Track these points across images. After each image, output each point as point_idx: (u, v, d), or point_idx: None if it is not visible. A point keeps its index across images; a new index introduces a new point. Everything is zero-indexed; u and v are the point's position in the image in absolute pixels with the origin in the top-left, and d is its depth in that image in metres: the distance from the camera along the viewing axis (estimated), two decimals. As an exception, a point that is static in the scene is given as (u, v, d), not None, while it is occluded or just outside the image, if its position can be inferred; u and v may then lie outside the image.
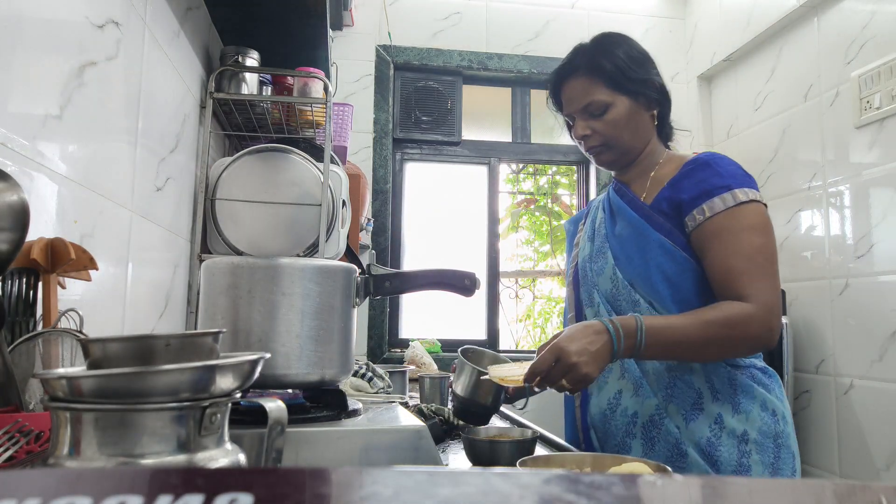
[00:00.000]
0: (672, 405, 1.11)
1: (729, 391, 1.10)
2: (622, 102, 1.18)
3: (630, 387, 1.14)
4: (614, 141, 1.21)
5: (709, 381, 1.10)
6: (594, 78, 1.19)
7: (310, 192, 1.81)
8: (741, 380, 1.11)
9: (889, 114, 2.16)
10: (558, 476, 0.23)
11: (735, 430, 1.08)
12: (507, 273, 3.43)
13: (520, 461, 0.76)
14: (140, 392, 0.39)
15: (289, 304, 0.79)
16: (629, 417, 1.13)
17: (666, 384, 1.12)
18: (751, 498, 0.23)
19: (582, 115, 1.22)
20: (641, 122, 1.21)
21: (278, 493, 0.21)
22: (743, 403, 1.09)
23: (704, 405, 1.09)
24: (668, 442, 1.09)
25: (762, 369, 1.15)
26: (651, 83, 1.20)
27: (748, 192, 1.10)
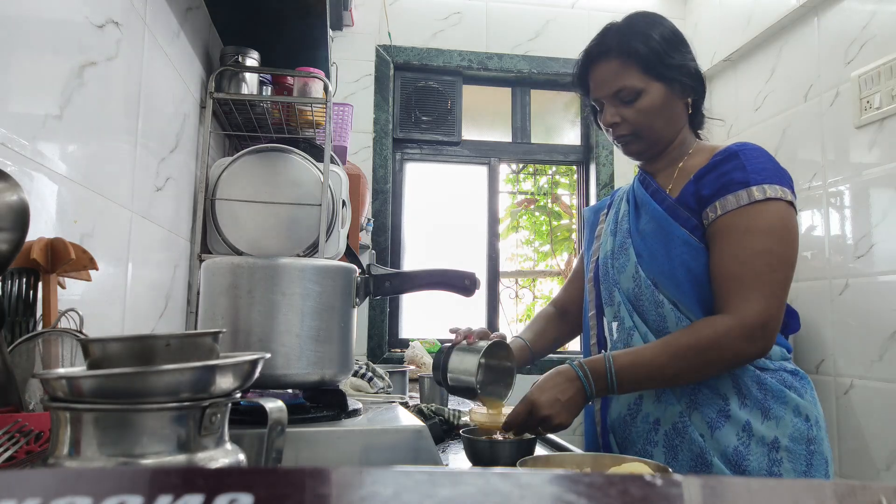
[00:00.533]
0: (696, 413, 1.05)
1: (758, 396, 1.04)
2: (656, 89, 1.11)
3: (652, 392, 1.09)
4: (646, 131, 1.13)
5: (736, 386, 1.05)
6: (627, 61, 1.11)
7: (310, 192, 1.81)
8: (771, 383, 1.05)
9: (889, 114, 2.16)
10: (558, 476, 0.23)
11: (765, 438, 1.02)
12: (507, 273, 3.43)
13: (520, 461, 0.76)
14: (140, 392, 0.39)
15: (289, 304, 0.79)
16: (650, 424, 1.09)
17: (690, 389, 1.06)
18: (751, 498, 0.23)
19: (612, 100, 1.14)
20: (675, 110, 1.14)
21: (278, 493, 0.21)
22: (774, 409, 1.03)
23: (731, 412, 1.03)
24: (691, 451, 1.04)
25: (793, 372, 1.09)
26: (687, 68, 1.13)
27: (769, 188, 1.02)
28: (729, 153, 1.08)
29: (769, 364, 1.07)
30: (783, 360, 1.09)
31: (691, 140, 1.19)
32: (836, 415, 2.41)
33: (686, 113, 1.17)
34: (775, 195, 1.02)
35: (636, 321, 1.12)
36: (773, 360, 1.08)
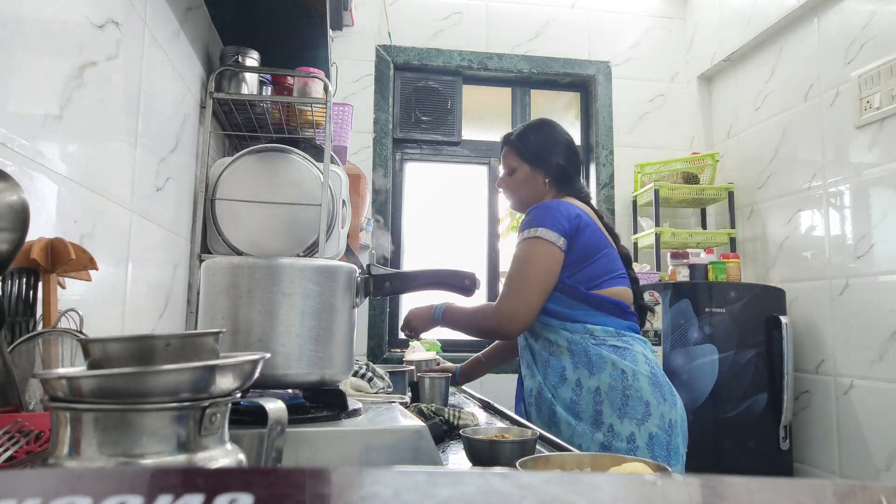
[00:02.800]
0: (547, 380, 1.54)
1: (584, 360, 1.49)
2: (523, 169, 1.69)
3: (528, 372, 1.60)
4: (514, 194, 1.73)
5: (571, 358, 1.51)
6: (513, 149, 1.71)
7: (310, 192, 1.81)
8: (594, 351, 1.49)
9: (889, 114, 2.16)
10: (558, 476, 0.23)
11: (590, 388, 1.47)
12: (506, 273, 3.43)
13: (520, 461, 0.76)
14: (140, 392, 0.39)
15: (289, 304, 0.79)
16: (528, 392, 1.59)
17: (544, 365, 1.56)
18: (750, 498, 0.23)
19: (504, 170, 1.75)
20: (536, 183, 1.68)
21: (278, 493, 0.21)
22: (595, 365, 1.48)
23: (567, 374, 1.51)
24: (546, 405, 1.51)
25: (614, 346, 1.50)
26: (549, 159, 1.67)
27: (528, 231, 1.54)
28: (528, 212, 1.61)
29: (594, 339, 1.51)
30: (607, 336, 1.51)
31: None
32: (836, 415, 2.41)
33: (546, 187, 1.68)
34: (527, 235, 1.54)
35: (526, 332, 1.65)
36: (597, 336, 1.51)
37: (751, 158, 2.95)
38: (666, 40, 3.38)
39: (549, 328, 1.57)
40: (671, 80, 3.37)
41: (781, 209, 2.74)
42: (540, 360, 1.57)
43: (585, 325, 1.53)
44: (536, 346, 1.60)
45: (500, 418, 1.43)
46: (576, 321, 1.54)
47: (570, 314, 1.55)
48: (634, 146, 3.29)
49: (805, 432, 2.58)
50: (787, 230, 2.71)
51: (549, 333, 1.57)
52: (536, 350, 1.60)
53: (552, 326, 1.56)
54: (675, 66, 3.37)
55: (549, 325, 1.57)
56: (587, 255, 1.56)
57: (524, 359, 1.66)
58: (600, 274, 1.57)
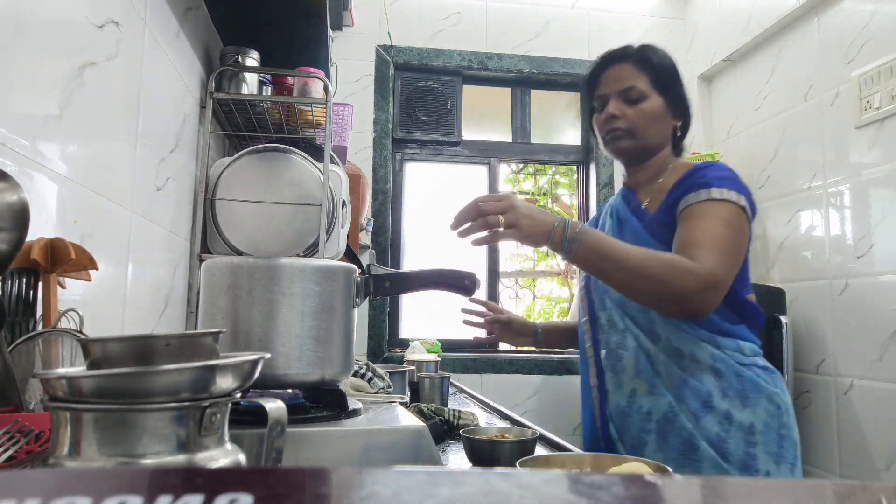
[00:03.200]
0: (683, 405, 1.18)
1: (737, 388, 1.17)
2: (658, 99, 1.28)
3: (644, 386, 1.22)
4: (639, 131, 1.27)
5: (717, 381, 1.18)
6: (642, 69, 1.28)
7: (310, 192, 1.81)
8: (748, 375, 1.18)
9: (889, 114, 2.16)
10: (558, 476, 0.23)
11: (742, 424, 1.15)
12: (507, 273, 3.43)
13: (520, 461, 0.76)
14: (140, 392, 0.39)
15: (288, 304, 0.79)
16: (644, 415, 1.21)
17: (678, 384, 1.19)
18: (751, 498, 0.23)
19: (618, 97, 1.28)
20: (665, 125, 1.30)
21: (278, 493, 0.21)
22: (751, 398, 1.17)
23: (714, 402, 1.17)
24: (681, 437, 1.17)
25: (764, 367, 1.22)
26: (683, 97, 1.32)
27: (725, 191, 1.17)
28: (697, 168, 1.23)
29: (744, 359, 1.20)
30: (755, 355, 1.23)
31: (671, 160, 1.33)
32: (836, 415, 2.41)
33: (672, 134, 1.32)
34: (729, 198, 1.17)
35: (628, 323, 1.26)
36: (746, 354, 1.21)
37: (751, 158, 2.95)
38: (666, 40, 3.37)
39: (686, 336, 1.20)
40: (671, 80, 3.36)
41: (781, 209, 2.74)
42: (668, 375, 1.20)
43: (737, 340, 1.21)
44: (660, 356, 1.21)
45: (499, 418, 1.43)
46: (726, 334, 1.20)
47: (719, 324, 1.20)
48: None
49: (805, 432, 2.58)
50: (786, 230, 2.71)
51: (684, 343, 1.20)
52: (659, 360, 1.22)
53: (691, 335, 1.20)
54: (675, 66, 3.37)
55: (688, 333, 1.20)
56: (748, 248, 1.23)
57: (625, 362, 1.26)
58: (746, 276, 1.26)
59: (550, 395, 2.95)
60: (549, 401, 2.94)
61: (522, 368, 2.97)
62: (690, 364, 1.19)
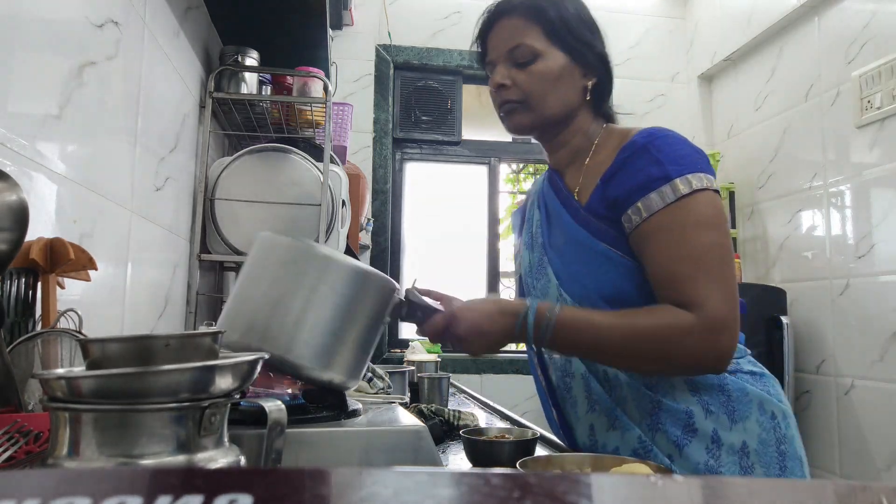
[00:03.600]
0: (660, 434, 0.94)
1: (721, 398, 0.94)
2: (556, 57, 0.99)
3: (604, 420, 0.98)
4: (535, 100, 1.00)
5: (696, 395, 0.94)
6: (531, 21, 1.00)
7: (310, 192, 1.81)
8: (732, 382, 0.95)
9: (890, 114, 2.16)
10: (558, 477, 0.23)
11: (734, 445, 0.92)
12: (507, 273, 3.43)
13: (520, 461, 0.76)
14: (139, 392, 0.39)
15: (333, 300, 0.78)
16: (610, 452, 0.96)
17: (649, 410, 0.95)
18: (751, 498, 0.23)
19: (506, 61, 1.02)
20: (571, 87, 1.01)
21: (278, 493, 0.21)
22: (739, 410, 0.93)
23: (697, 424, 0.93)
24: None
25: (751, 372, 0.99)
26: (593, 48, 1.03)
27: (692, 178, 0.90)
28: (636, 147, 0.95)
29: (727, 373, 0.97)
30: (739, 357, 0.98)
31: (596, 128, 1.06)
32: (836, 415, 2.41)
33: (583, 96, 1.03)
34: (701, 185, 0.90)
35: None
36: (732, 364, 0.97)
37: (751, 158, 2.95)
38: (666, 40, 3.38)
39: None
40: (671, 79, 3.37)
41: (782, 209, 2.74)
42: (635, 400, 0.96)
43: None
44: (619, 377, 0.98)
45: (499, 418, 1.43)
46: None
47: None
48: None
49: (806, 432, 2.58)
50: (787, 230, 2.70)
51: None
52: (619, 383, 0.98)
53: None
54: (675, 65, 3.36)
55: None
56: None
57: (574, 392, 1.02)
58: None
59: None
60: (549, 401, 2.94)
61: (522, 368, 2.97)
62: (660, 381, 0.95)
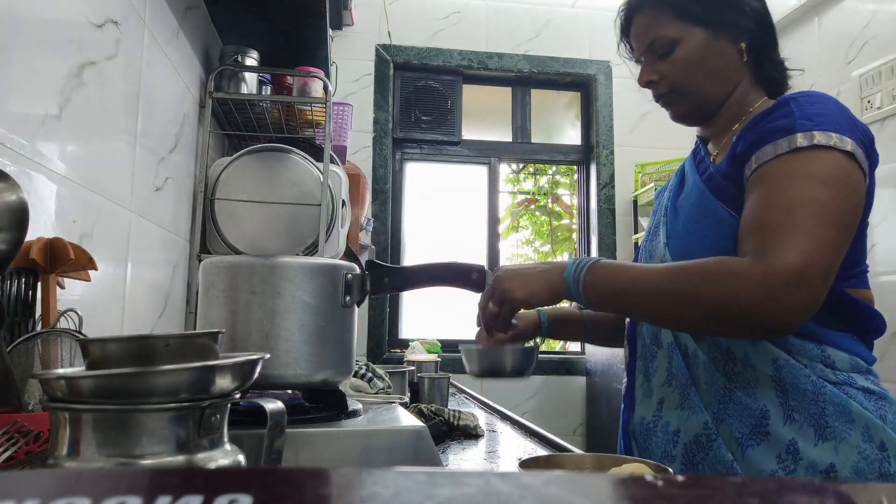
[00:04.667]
0: (724, 425, 0.86)
1: (812, 409, 0.81)
2: (694, 36, 0.94)
3: (675, 397, 0.92)
4: (686, 86, 0.96)
5: (781, 394, 0.83)
6: (659, 10, 0.96)
7: (309, 192, 1.81)
8: (833, 395, 0.82)
9: (890, 113, 2.16)
10: (559, 477, 0.23)
11: (817, 464, 0.79)
12: (506, 273, 3.44)
13: (520, 462, 0.76)
14: (139, 392, 0.39)
15: (286, 303, 0.79)
16: (669, 435, 0.91)
17: (720, 396, 0.87)
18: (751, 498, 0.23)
19: (648, 56, 0.99)
20: (723, 59, 0.95)
21: (278, 493, 0.21)
22: (834, 427, 0.80)
23: (770, 427, 0.82)
24: (715, 471, 0.85)
25: (866, 390, 0.84)
26: (736, 6, 0.94)
27: (819, 135, 0.81)
28: (777, 104, 0.89)
29: (831, 374, 0.84)
30: (854, 371, 0.85)
31: (755, 96, 0.99)
32: (836, 415, 2.41)
33: (741, 63, 0.96)
34: (828, 142, 0.80)
35: None
36: (837, 368, 0.85)
37: (751, 158, 2.95)
38: (666, 40, 3.38)
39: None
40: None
41: (781, 209, 2.74)
42: (708, 383, 0.89)
43: (823, 347, 0.85)
44: (700, 356, 0.90)
45: (499, 418, 1.43)
46: (807, 338, 0.85)
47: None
48: (635, 146, 3.29)
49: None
50: (787, 230, 2.70)
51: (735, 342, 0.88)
52: (698, 363, 0.90)
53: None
54: (674, 65, 3.36)
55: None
56: (863, 219, 0.89)
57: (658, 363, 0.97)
58: (856, 261, 0.89)
59: (550, 395, 2.95)
60: (550, 401, 2.94)
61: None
62: (743, 371, 0.86)
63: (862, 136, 0.84)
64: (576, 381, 2.97)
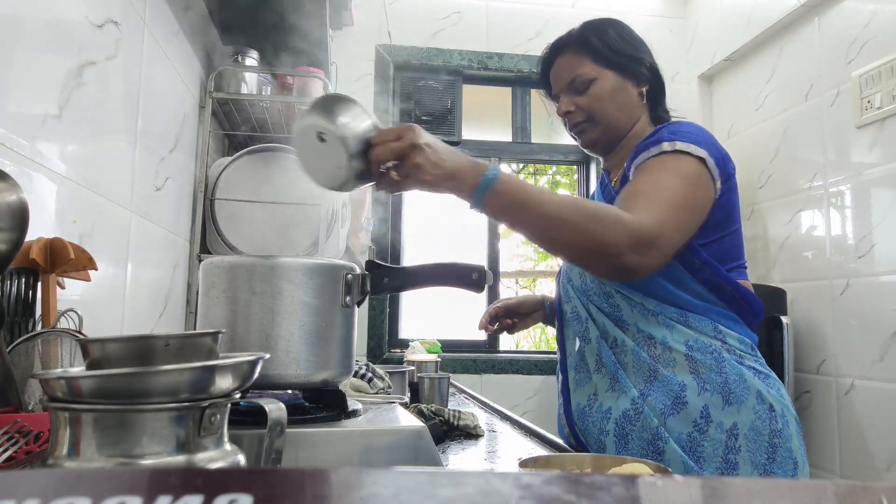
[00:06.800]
0: (650, 398, 1.02)
1: (718, 379, 1.00)
2: (607, 77, 1.14)
3: (606, 382, 1.08)
4: (599, 115, 1.15)
5: (693, 370, 1.01)
6: (580, 53, 1.17)
7: (310, 193, 1.81)
8: (733, 367, 1.01)
9: (890, 113, 2.16)
10: (558, 477, 0.23)
11: (723, 424, 0.98)
12: (507, 273, 3.44)
13: (520, 462, 0.76)
14: (139, 392, 0.39)
15: (285, 304, 0.79)
16: (603, 413, 1.07)
17: (646, 377, 1.03)
18: (751, 498, 0.23)
19: (567, 91, 1.18)
20: (628, 98, 1.16)
21: (278, 493, 0.21)
22: (736, 392, 0.99)
23: (688, 398, 1.00)
24: (643, 437, 1.01)
25: (753, 369, 1.03)
26: (639, 60, 1.17)
27: (679, 143, 1.02)
28: (657, 128, 1.09)
29: (730, 352, 1.03)
30: (747, 353, 1.05)
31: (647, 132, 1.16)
32: (836, 415, 2.41)
33: (642, 103, 1.18)
34: (686, 149, 1.01)
35: (592, 310, 1.14)
36: (731, 347, 1.04)
37: (751, 158, 2.95)
38: (666, 40, 3.38)
39: (658, 317, 1.05)
40: (671, 79, 3.36)
41: (782, 209, 2.74)
42: (636, 365, 1.05)
43: (717, 325, 1.04)
44: (627, 344, 1.06)
45: (499, 418, 1.43)
46: (704, 315, 1.04)
47: (694, 303, 1.04)
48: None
49: (806, 432, 2.58)
50: (787, 230, 2.70)
51: (655, 326, 1.05)
52: (626, 349, 1.07)
53: (664, 315, 1.04)
54: (675, 65, 3.36)
55: (659, 313, 1.05)
56: (727, 220, 1.08)
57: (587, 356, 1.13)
58: (733, 256, 1.08)
59: (550, 395, 2.95)
60: (549, 401, 2.94)
61: (522, 368, 2.97)
62: (663, 352, 1.03)
63: (716, 152, 1.05)
64: (576, 381, 2.97)
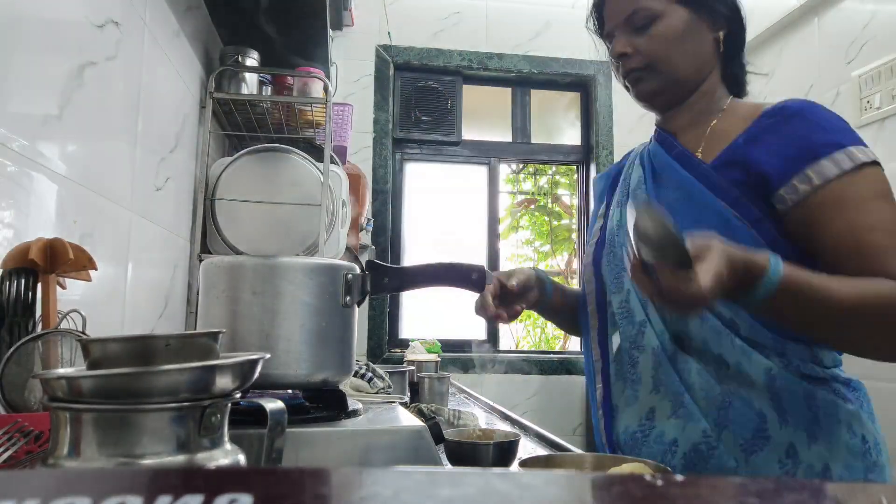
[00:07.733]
0: (727, 432, 0.83)
1: (804, 412, 0.83)
2: (677, 14, 0.91)
3: (667, 405, 0.87)
4: (662, 63, 0.92)
5: (775, 400, 0.82)
6: None
7: (310, 192, 1.81)
8: (821, 396, 0.83)
9: (889, 114, 2.16)
10: (558, 476, 0.23)
11: (813, 466, 0.81)
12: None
13: (520, 461, 0.76)
14: (140, 392, 0.39)
15: (286, 304, 0.79)
16: (666, 445, 0.86)
17: (718, 403, 0.83)
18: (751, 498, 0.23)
19: (624, 29, 0.94)
20: (701, 44, 0.93)
21: (278, 493, 0.21)
22: (824, 427, 0.83)
23: (770, 431, 0.82)
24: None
25: (846, 382, 0.88)
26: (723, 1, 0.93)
27: (866, 150, 0.86)
28: (790, 112, 0.87)
29: (819, 372, 0.85)
30: (835, 366, 0.88)
31: (723, 94, 0.97)
32: (836, 415, 2.41)
33: (716, 53, 0.95)
34: (870, 158, 0.86)
35: (650, 314, 0.90)
36: (825, 366, 0.86)
37: (751, 158, 2.95)
38: (666, 40, 3.38)
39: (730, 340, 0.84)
40: (671, 79, 3.36)
41: (781, 209, 2.74)
42: (703, 389, 0.85)
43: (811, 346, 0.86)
44: (690, 363, 0.86)
45: (499, 418, 1.43)
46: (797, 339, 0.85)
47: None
48: (635, 146, 3.29)
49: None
50: (787, 230, 2.71)
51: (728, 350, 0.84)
52: (690, 368, 0.86)
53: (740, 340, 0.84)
54: (675, 65, 3.37)
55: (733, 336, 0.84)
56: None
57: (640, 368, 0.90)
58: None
59: (550, 395, 2.95)
60: (549, 401, 2.94)
61: (522, 368, 2.97)
62: (736, 377, 0.84)
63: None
64: (576, 380, 2.96)
